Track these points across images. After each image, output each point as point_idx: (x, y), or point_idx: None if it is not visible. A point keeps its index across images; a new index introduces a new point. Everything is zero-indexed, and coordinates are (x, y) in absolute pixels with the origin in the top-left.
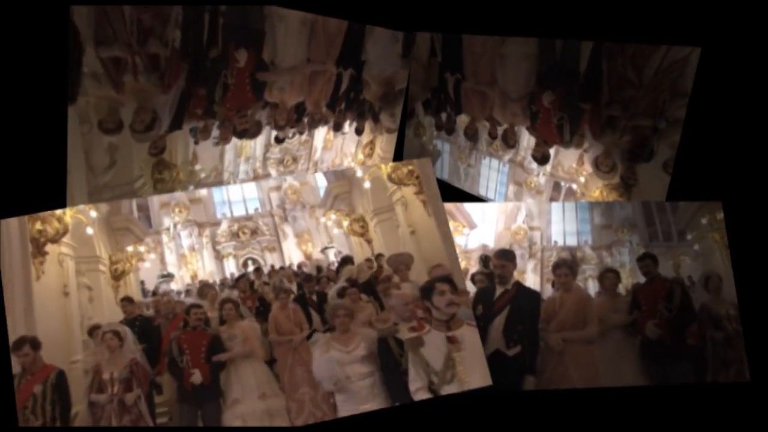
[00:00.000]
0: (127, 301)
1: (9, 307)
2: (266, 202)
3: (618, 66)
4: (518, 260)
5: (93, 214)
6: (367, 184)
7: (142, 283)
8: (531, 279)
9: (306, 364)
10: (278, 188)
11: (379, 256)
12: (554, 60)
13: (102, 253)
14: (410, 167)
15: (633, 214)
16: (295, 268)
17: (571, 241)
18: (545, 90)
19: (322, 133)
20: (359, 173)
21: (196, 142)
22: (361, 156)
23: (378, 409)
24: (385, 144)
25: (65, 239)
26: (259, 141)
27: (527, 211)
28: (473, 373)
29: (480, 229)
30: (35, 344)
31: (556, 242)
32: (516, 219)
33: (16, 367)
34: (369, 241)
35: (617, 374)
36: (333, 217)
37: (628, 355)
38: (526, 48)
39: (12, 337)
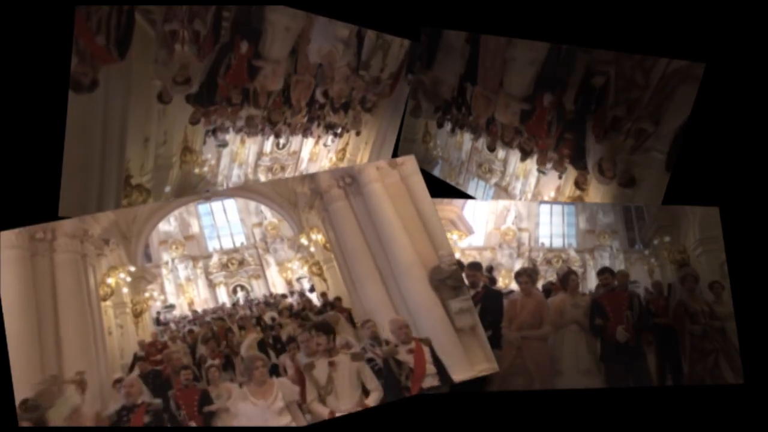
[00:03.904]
0: (140, 359)
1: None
2: (250, 236)
3: (626, 69)
4: (506, 259)
5: (128, 279)
6: (312, 249)
7: (155, 314)
8: None
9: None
10: (260, 224)
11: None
12: (558, 65)
13: (127, 299)
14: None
15: (614, 221)
16: (277, 296)
17: (557, 243)
18: (546, 91)
19: (309, 145)
20: (305, 242)
21: (204, 143)
22: (334, 158)
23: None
24: (352, 148)
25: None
26: (252, 149)
27: (516, 212)
28: (345, 389)
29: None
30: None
31: (543, 243)
32: (506, 220)
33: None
34: (325, 280)
35: (575, 367)
36: (297, 263)
37: (587, 351)
38: (534, 53)
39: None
